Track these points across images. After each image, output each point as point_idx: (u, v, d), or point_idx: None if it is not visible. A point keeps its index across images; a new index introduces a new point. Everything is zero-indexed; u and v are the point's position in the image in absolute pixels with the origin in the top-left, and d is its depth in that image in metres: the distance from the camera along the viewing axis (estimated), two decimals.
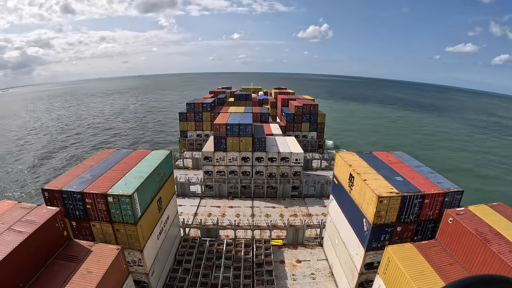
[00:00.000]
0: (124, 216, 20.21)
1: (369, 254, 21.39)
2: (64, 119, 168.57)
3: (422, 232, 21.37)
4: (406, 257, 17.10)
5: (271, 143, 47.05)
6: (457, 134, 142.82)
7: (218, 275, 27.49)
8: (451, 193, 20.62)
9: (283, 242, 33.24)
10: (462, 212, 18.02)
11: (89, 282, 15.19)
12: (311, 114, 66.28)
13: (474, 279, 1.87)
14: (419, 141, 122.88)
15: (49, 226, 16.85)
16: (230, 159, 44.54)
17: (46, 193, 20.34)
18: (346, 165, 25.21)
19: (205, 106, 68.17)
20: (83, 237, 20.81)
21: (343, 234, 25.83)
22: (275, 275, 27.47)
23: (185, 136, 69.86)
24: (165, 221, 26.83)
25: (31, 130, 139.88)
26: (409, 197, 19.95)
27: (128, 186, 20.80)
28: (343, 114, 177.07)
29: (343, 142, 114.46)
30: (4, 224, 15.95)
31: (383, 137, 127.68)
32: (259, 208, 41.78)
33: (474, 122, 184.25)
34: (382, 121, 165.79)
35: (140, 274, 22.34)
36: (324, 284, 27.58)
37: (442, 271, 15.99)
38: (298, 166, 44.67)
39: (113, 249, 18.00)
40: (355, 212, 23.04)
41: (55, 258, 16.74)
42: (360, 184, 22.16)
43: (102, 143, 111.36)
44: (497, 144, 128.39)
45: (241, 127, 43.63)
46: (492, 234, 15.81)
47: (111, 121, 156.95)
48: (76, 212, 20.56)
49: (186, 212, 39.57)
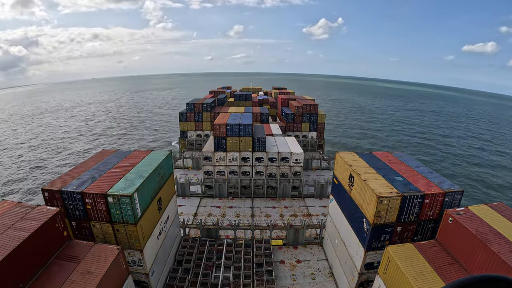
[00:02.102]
0: (124, 216, 20.20)
1: (369, 254, 21.38)
2: (64, 119, 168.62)
3: (422, 232, 21.35)
4: (406, 257, 17.10)
5: (271, 143, 47.04)
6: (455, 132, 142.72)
7: (218, 275, 27.48)
8: (451, 193, 20.61)
9: (283, 242, 33.23)
10: (462, 212, 18.03)
11: (89, 282, 15.20)
12: (311, 114, 66.20)
13: (474, 279, 1.87)
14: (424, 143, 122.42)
15: (49, 226, 16.85)
16: (230, 159, 44.54)
17: (46, 193, 20.32)
18: (346, 165, 25.20)
19: (205, 106, 68.13)
20: (83, 237, 20.79)
21: (343, 234, 25.83)
22: (275, 275, 27.46)
23: (185, 136, 69.84)
24: (165, 221, 26.82)
25: (31, 130, 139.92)
26: (409, 197, 19.94)
27: (128, 186, 20.79)
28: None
29: (343, 142, 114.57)
30: (4, 224, 15.96)
31: (384, 137, 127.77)
32: (259, 208, 41.78)
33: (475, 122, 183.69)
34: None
35: (140, 274, 22.32)
36: (324, 284, 27.58)
37: (442, 271, 16.00)
38: (298, 166, 44.66)
39: (113, 249, 18.01)
40: (355, 212, 23.04)
41: (55, 258, 16.74)
42: (360, 184, 22.16)
43: (102, 143, 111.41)
44: (498, 142, 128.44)
45: (241, 127, 43.63)
46: (492, 234, 15.81)
47: (112, 121, 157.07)
48: (76, 212, 20.54)
49: (186, 212, 39.57)
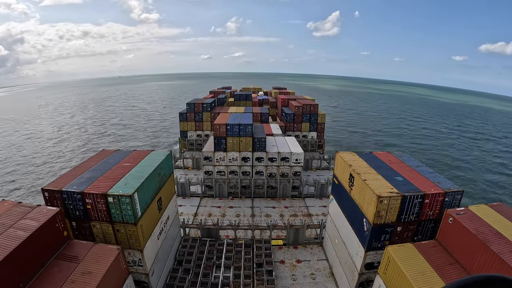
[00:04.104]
0: (124, 216, 20.19)
1: (369, 254, 21.37)
2: (63, 120, 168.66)
3: (422, 232, 21.34)
4: (406, 257, 17.11)
5: (271, 143, 47.03)
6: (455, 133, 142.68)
7: (218, 275, 27.48)
8: (451, 193, 20.59)
9: (283, 242, 33.23)
10: (462, 212, 18.03)
11: (89, 282, 15.21)
12: (311, 114, 66.24)
13: (474, 279, 1.87)
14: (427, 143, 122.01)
15: (49, 226, 16.87)
16: (230, 159, 44.54)
17: (46, 193, 20.32)
18: (346, 165, 25.19)
19: (205, 106, 68.17)
20: (83, 237, 20.78)
21: (343, 234, 25.82)
22: (275, 275, 27.46)
23: (185, 136, 69.85)
24: (165, 221, 26.81)
25: (30, 130, 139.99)
26: (409, 197, 19.92)
27: (128, 186, 20.79)
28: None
29: (343, 142, 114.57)
30: (4, 224, 15.97)
31: (384, 138, 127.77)
32: (259, 208, 41.78)
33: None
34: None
35: (140, 274, 22.32)
36: (324, 284, 27.57)
37: (442, 271, 16.00)
38: (298, 166, 44.66)
39: (113, 249, 18.04)
40: (355, 212, 23.02)
41: (55, 258, 16.76)
42: (360, 184, 22.15)
43: (102, 144, 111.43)
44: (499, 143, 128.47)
45: (241, 127, 43.64)
46: (492, 234, 15.82)
47: (111, 122, 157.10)
48: (76, 212, 20.54)
49: (186, 212, 39.57)
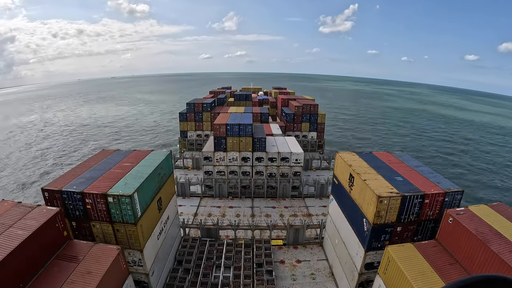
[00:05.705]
0: (124, 216, 20.20)
1: (369, 254, 21.38)
2: (63, 120, 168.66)
3: (422, 232, 21.35)
4: (406, 257, 17.11)
5: (271, 143, 47.02)
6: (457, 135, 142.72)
7: (218, 275, 27.48)
8: (451, 193, 20.61)
9: (283, 242, 33.23)
10: (462, 212, 18.03)
11: (89, 282, 15.21)
12: (311, 114, 66.24)
13: (474, 279, 1.87)
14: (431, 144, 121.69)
15: (49, 226, 16.87)
16: (230, 159, 44.53)
17: (46, 193, 20.32)
18: (346, 165, 25.19)
19: (205, 106, 68.14)
20: (83, 237, 20.78)
21: (343, 234, 25.82)
22: (275, 275, 27.46)
23: (185, 136, 69.83)
24: (165, 221, 26.82)
25: (30, 130, 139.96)
26: (409, 197, 19.93)
27: (128, 186, 20.79)
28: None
29: (343, 142, 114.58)
30: (4, 224, 15.97)
31: (384, 138, 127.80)
32: (259, 208, 41.78)
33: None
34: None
35: (140, 274, 22.32)
36: (324, 284, 27.57)
37: (442, 271, 16.00)
38: (298, 166, 44.64)
39: (113, 249, 18.03)
40: (355, 212, 23.03)
41: (55, 258, 16.76)
42: (360, 184, 22.15)
43: (102, 144, 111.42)
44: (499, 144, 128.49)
45: (241, 127, 43.63)
46: (492, 234, 15.82)
47: (111, 122, 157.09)
48: (76, 212, 20.54)
49: (186, 212, 39.57)
